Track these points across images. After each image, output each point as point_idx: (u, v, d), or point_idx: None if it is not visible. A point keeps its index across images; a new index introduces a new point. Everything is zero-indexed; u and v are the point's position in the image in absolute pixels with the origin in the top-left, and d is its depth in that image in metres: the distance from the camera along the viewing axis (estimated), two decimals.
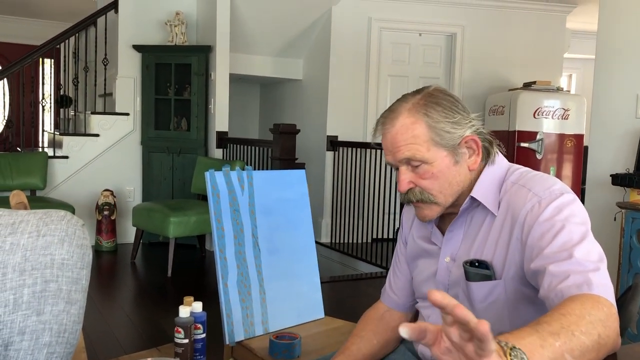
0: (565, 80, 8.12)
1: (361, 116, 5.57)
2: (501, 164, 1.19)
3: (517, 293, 1.10)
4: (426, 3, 5.54)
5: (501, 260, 1.11)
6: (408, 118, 1.13)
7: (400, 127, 1.13)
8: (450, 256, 1.20)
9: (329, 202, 5.43)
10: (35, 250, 0.83)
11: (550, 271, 0.97)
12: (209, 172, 1.68)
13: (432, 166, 1.13)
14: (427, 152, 1.12)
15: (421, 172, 1.14)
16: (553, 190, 1.07)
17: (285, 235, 1.84)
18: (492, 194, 1.15)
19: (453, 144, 1.13)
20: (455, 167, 1.14)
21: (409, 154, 1.12)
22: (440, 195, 1.15)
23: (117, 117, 5.33)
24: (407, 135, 1.12)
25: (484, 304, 1.13)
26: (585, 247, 0.99)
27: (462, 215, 1.19)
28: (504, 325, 1.11)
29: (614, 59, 3.11)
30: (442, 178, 1.14)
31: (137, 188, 5.42)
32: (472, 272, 1.13)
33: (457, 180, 1.15)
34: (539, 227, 1.04)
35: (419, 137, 1.12)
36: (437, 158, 1.13)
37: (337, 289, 4.10)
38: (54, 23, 8.19)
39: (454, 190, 1.15)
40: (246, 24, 5.34)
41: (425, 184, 1.14)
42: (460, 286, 1.17)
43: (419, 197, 1.15)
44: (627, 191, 2.80)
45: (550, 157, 5.16)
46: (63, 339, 0.85)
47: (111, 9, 5.36)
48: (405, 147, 1.13)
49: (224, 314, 1.65)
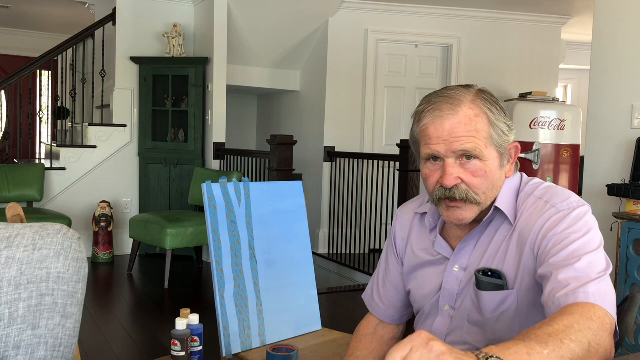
0: (561, 91, 8.16)
1: (358, 127, 5.58)
2: (515, 173, 1.19)
3: (530, 304, 1.09)
4: (422, 15, 5.58)
5: (514, 270, 1.10)
6: (472, 109, 1.07)
7: (464, 116, 1.06)
8: (460, 265, 1.18)
9: (326, 213, 5.43)
10: (31, 264, 0.82)
11: (554, 278, 0.98)
12: (206, 183, 1.68)
13: (485, 164, 1.08)
14: (485, 149, 1.07)
15: (473, 168, 1.07)
16: (570, 203, 1.08)
17: (283, 247, 1.84)
18: (511, 204, 1.13)
19: (503, 146, 1.11)
20: (499, 171, 1.11)
21: (469, 146, 1.06)
22: (484, 196, 1.10)
23: (115, 129, 5.33)
24: (470, 127, 1.06)
25: (495, 314, 1.12)
26: (593, 257, 1.00)
27: (483, 225, 1.15)
28: (514, 335, 1.10)
29: (609, 69, 3.13)
30: (490, 179, 1.09)
31: (134, 199, 5.41)
32: (484, 281, 1.11)
33: (498, 185, 1.12)
34: (553, 237, 1.04)
35: (481, 132, 1.07)
36: (490, 157, 1.09)
37: (335, 300, 4.09)
38: (52, 35, 8.21)
39: (493, 193, 1.11)
40: (243, 35, 5.37)
41: (474, 182, 1.08)
42: (469, 295, 1.15)
43: (464, 195, 1.08)
44: (623, 201, 2.81)
45: (547, 167, 5.17)
46: (58, 353, 0.84)
47: (109, 21, 5.38)
48: (466, 139, 1.05)
49: (221, 326, 1.64)
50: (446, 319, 1.21)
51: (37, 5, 7.06)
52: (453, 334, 1.20)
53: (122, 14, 5.31)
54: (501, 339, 1.09)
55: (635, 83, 3.00)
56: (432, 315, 1.24)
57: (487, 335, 1.14)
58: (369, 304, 1.40)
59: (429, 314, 1.25)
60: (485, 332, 1.15)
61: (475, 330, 1.16)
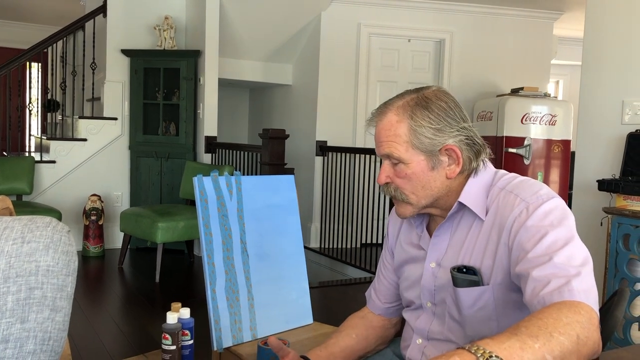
0: (553, 87, 8.20)
1: (350, 121, 5.58)
2: (488, 170, 1.19)
3: (506, 299, 1.10)
4: (415, 9, 5.57)
5: (489, 265, 1.11)
6: (395, 116, 1.16)
7: (386, 122, 1.16)
8: (436, 261, 1.21)
9: (318, 207, 5.43)
10: (19, 257, 0.82)
11: (533, 276, 0.98)
12: (197, 177, 1.67)
13: (408, 167, 1.16)
14: (404, 153, 1.15)
15: (398, 170, 1.17)
16: (540, 195, 1.08)
17: (274, 241, 1.84)
18: (480, 199, 1.15)
19: (432, 150, 1.14)
20: (431, 173, 1.16)
21: (388, 151, 1.16)
22: (413, 196, 1.18)
23: (105, 122, 5.30)
24: (390, 132, 1.16)
25: (472, 310, 1.13)
26: (569, 251, 1.00)
27: (448, 220, 1.19)
28: (493, 330, 1.11)
29: (600, 65, 3.14)
30: (415, 180, 1.16)
31: (125, 193, 5.39)
32: (459, 278, 1.13)
33: (431, 185, 1.17)
34: (526, 232, 1.04)
35: (400, 137, 1.15)
36: (413, 160, 1.15)
37: (326, 294, 4.09)
38: (42, 27, 8.13)
39: (427, 193, 1.17)
40: (235, 28, 5.34)
41: (399, 182, 1.18)
42: (447, 292, 1.18)
43: (392, 193, 1.20)
44: (613, 196, 2.82)
45: (538, 162, 5.20)
46: (48, 347, 0.84)
47: (100, 13, 5.34)
48: (386, 143, 1.16)
49: (212, 320, 1.64)
50: (429, 315, 1.24)
51: None
52: (436, 330, 1.23)
53: (113, 6, 5.27)
54: (480, 334, 1.10)
55: (626, 79, 3.02)
56: (417, 310, 1.28)
57: (467, 331, 1.16)
58: (367, 300, 1.45)
59: (415, 309, 1.28)
60: (464, 328, 1.16)
61: (456, 326, 1.18)
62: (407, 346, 1.29)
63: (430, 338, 1.24)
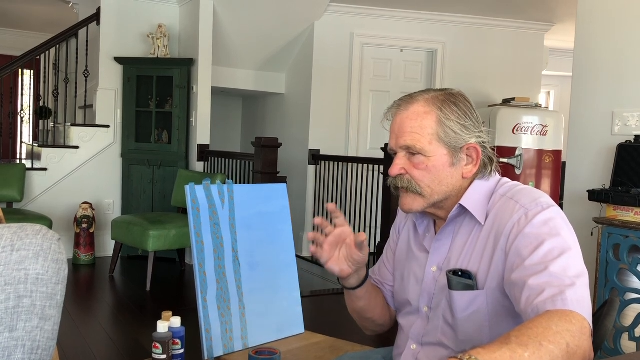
0: (544, 97, 8.25)
1: (343, 130, 5.59)
2: (494, 177, 1.21)
3: (499, 305, 1.11)
4: (408, 19, 5.61)
5: (485, 270, 1.12)
6: (423, 107, 1.15)
7: (412, 113, 1.15)
8: (437, 265, 1.21)
9: (310, 216, 5.43)
10: (9, 265, 0.81)
11: (529, 285, 0.98)
12: (189, 185, 1.67)
13: (429, 160, 1.15)
14: (428, 145, 1.14)
15: (416, 162, 1.15)
16: (540, 203, 1.09)
17: (266, 250, 1.83)
18: (481, 204, 1.16)
19: (456, 146, 1.15)
20: (450, 169, 1.16)
21: (410, 142, 1.14)
22: (428, 189, 1.16)
23: (97, 129, 5.28)
24: (415, 122, 1.15)
25: (465, 314, 1.13)
26: (565, 261, 1.00)
27: (450, 223, 1.19)
28: (484, 336, 1.11)
29: (591, 76, 3.17)
30: (434, 173, 1.15)
31: (117, 201, 5.36)
32: (454, 280, 1.14)
33: (447, 182, 1.16)
34: (523, 239, 1.05)
35: (425, 129, 1.14)
36: (436, 153, 1.15)
37: (318, 303, 4.08)
38: (35, 34, 8.11)
39: (442, 189, 1.17)
40: (229, 37, 5.35)
41: (415, 174, 1.16)
42: (444, 295, 1.18)
43: (406, 184, 1.17)
44: (603, 207, 2.84)
45: (529, 172, 5.22)
46: (36, 356, 0.83)
47: (93, 21, 5.33)
48: (409, 134, 1.15)
49: (203, 329, 1.63)
50: (424, 320, 1.24)
51: (20, 4, 6.98)
52: (429, 334, 1.23)
53: (106, 13, 5.27)
54: (471, 339, 1.11)
55: (616, 90, 3.05)
56: (413, 315, 1.27)
57: (459, 335, 1.16)
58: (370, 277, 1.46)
59: (410, 313, 1.28)
60: (457, 332, 1.17)
61: (449, 330, 1.18)
62: (400, 353, 1.29)
63: (424, 343, 1.24)
